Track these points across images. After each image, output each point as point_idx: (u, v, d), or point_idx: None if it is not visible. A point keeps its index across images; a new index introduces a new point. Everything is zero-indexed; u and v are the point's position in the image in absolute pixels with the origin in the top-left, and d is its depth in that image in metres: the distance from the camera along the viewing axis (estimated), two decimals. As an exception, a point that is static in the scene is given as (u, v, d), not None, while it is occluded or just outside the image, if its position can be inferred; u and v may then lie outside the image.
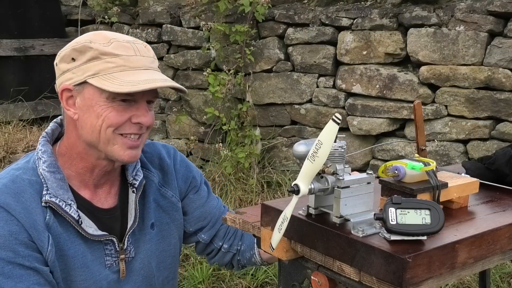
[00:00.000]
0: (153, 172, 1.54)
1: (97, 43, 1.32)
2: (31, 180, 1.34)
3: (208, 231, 1.67)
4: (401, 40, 3.93)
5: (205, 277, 3.35)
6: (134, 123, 1.34)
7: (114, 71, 1.30)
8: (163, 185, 1.56)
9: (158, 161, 1.58)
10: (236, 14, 4.53)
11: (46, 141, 1.42)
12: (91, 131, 1.34)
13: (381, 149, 4.11)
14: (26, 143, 4.69)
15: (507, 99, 3.61)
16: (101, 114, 1.31)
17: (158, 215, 1.54)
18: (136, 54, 1.34)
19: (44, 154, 1.38)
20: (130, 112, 1.33)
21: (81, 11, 5.57)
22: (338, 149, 1.08)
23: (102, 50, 1.31)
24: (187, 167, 1.65)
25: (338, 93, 4.23)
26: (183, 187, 1.62)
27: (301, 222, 1.12)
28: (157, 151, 1.60)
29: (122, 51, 1.32)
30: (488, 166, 1.41)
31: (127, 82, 1.28)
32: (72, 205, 1.35)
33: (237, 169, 4.35)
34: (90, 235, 1.37)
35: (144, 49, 1.37)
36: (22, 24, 5.39)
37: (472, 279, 3.18)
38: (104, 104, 1.31)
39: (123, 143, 1.34)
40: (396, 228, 0.99)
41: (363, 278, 1.01)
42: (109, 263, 1.42)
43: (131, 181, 1.47)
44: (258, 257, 1.64)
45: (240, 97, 4.61)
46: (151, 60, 1.37)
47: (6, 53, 5.29)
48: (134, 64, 1.32)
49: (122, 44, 1.33)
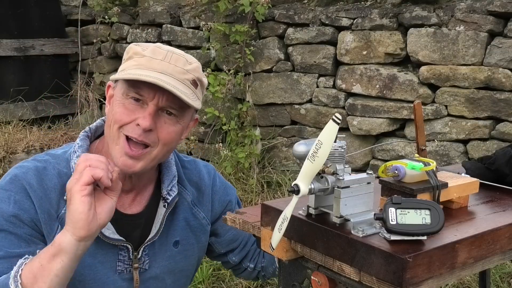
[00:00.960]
0: (188, 190, 1.53)
1: (140, 46, 1.37)
2: (61, 171, 1.37)
3: (239, 253, 1.67)
4: (401, 40, 3.93)
5: (205, 277, 3.35)
6: (135, 125, 1.32)
7: (131, 68, 1.32)
8: (196, 204, 1.54)
9: (197, 180, 1.57)
10: (236, 14, 4.53)
11: (85, 136, 1.44)
12: (107, 126, 1.37)
13: (381, 149, 4.10)
14: (26, 143, 4.69)
15: (507, 99, 3.61)
16: (114, 109, 1.34)
17: (185, 234, 1.52)
18: (163, 60, 1.33)
19: (80, 149, 1.40)
20: (138, 113, 1.32)
21: (81, 11, 5.57)
22: (338, 149, 1.08)
23: (137, 51, 1.35)
24: (225, 189, 1.64)
25: (338, 93, 4.23)
26: (218, 210, 1.60)
27: (301, 222, 1.12)
28: (198, 170, 1.58)
29: (152, 54, 1.33)
30: (488, 166, 1.41)
31: (129, 73, 1.30)
32: None
33: (237, 169, 4.35)
34: (106, 237, 1.37)
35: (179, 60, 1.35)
36: (22, 24, 5.40)
37: (472, 279, 3.18)
38: (119, 100, 1.33)
39: (123, 147, 1.32)
40: (396, 228, 0.99)
41: (363, 278, 1.01)
42: (120, 269, 1.41)
43: (164, 195, 1.46)
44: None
45: (240, 97, 4.61)
46: (180, 71, 1.34)
47: (6, 53, 5.29)
48: (152, 66, 1.32)
49: (158, 50, 1.35)
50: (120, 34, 5.33)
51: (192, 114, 1.43)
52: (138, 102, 1.32)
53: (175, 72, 1.33)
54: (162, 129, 1.34)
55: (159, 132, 1.34)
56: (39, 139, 4.79)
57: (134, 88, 1.31)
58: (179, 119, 1.36)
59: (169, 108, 1.34)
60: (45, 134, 4.97)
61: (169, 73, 1.32)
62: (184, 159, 1.59)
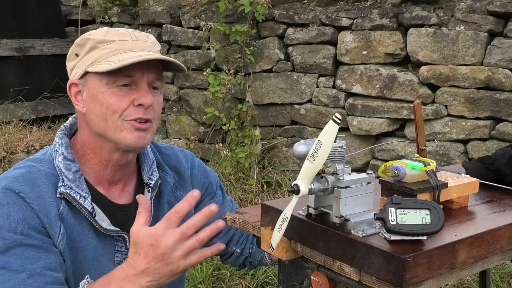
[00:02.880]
0: (169, 174, 1.55)
1: (95, 34, 1.37)
2: (48, 172, 1.36)
3: (223, 237, 1.66)
4: (401, 40, 3.93)
5: (205, 277, 3.35)
6: (136, 106, 1.34)
7: (108, 55, 1.33)
8: (178, 187, 1.56)
9: (175, 164, 1.59)
10: (236, 14, 4.53)
11: (63, 134, 1.44)
12: (98, 121, 1.36)
13: (381, 149, 4.10)
14: (26, 143, 4.69)
15: (507, 99, 3.61)
16: (103, 102, 1.34)
17: None
18: (132, 39, 1.36)
19: (61, 147, 1.40)
20: (132, 96, 1.34)
21: (81, 11, 5.57)
22: (338, 149, 1.08)
23: (99, 39, 1.35)
24: (204, 172, 1.66)
25: (338, 93, 4.23)
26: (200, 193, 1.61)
27: (301, 222, 1.12)
28: (175, 155, 1.61)
29: (118, 38, 1.35)
30: (488, 166, 1.41)
31: (116, 61, 1.30)
32: (87, 197, 1.36)
33: (237, 169, 4.35)
34: (103, 229, 1.38)
35: (143, 35, 1.39)
36: (22, 24, 5.39)
37: (472, 279, 3.18)
38: (105, 91, 1.33)
39: (131, 126, 1.35)
40: (396, 228, 0.99)
41: (363, 278, 1.01)
42: (118, 260, 1.42)
43: (146, 181, 1.49)
44: (268, 258, 1.65)
45: (240, 97, 4.61)
46: (150, 45, 1.39)
47: (6, 53, 5.29)
48: (129, 47, 1.34)
49: (119, 32, 1.37)
50: (120, 34, 5.33)
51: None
52: (126, 86, 1.34)
53: (148, 47, 1.37)
54: (154, 103, 1.38)
55: (153, 106, 1.38)
56: (39, 139, 4.79)
57: (122, 74, 1.32)
58: (161, 90, 1.42)
59: (155, 82, 1.39)
60: (45, 134, 4.97)
61: (146, 49, 1.36)
62: (160, 146, 1.62)
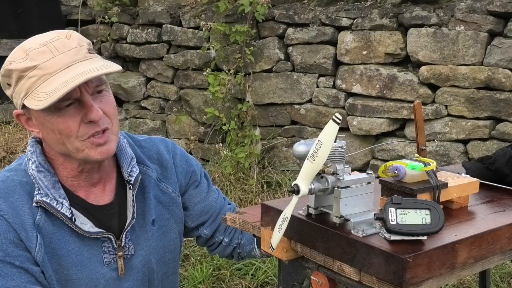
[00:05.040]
0: (151, 168, 1.52)
1: (15, 62, 1.28)
2: (22, 181, 1.35)
3: (209, 226, 1.66)
4: (401, 40, 3.94)
5: (205, 277, 3.35)
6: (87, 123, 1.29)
7: (37, 84, 1.25)
8: (162, 180, 1.54)
9: (157, 156, 1.56)
10: (236, 14, 4.53)
11: (35, 142, 1.41)
12: (57, 145, 1.33)
13: (381, 149, 4.10)
14: (26, 143, 4.69)
15: (507, 99, 3.61)
16: (54, 129, 1.30)
17: (159, 211, 1.53)
18: (53, 56, 1.26)
19: (33, 155, 1.38)
20: (79, 114, 1.28)
21: (81, 11, 5.57)
22: (338, 149, 1.08)
23: (21, 67, 1.26)
24: (187, 161, 1.63)
25: (338, 93, 4.23)
26: (184, 182, 1.60)
27: (301, 222, 1.12)
28: (155, 146, 1.58)
29: (39, 59, 1.25)
30: (488, 166, 1.41)
31: (47, 94, 1.23)
32: (64, 203, 1.35)
33: (237, 169, 4.35)
34: (86, 232, 1.36)
35: (65, 43, 1.28)
36: (22, 24, 5.39)
37: (472, 279, 3.18)
38: (50, 118, 1.28)
39: (90, 144, 1.31)
40: (396, 228, 0.99)
41: (363, 278, 1.01)
42: (107, 261, 1.42)
43: (127, 178, 1.46)
44: (257, 251, 1.64)
45: (240, 97, 4.61)
46: (75, 52, 1.28)
47: (6, 53, 5.25)
48: (53, 68, 1.24)
49: (38, 51, 1.26)
50: (120, 34, 5.33)
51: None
52: (69, 107, 1.28)
53: (74, 57, 1.27)
54: (105, 107, 1.32)
55: (105, 111, 1.32)
56: (39, 139, 4.79)
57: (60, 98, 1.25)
58: (106, 87, 1.36)
59: (97, 87, 1.32)
60: (45, 134, 4.97)
61: (72, 62, 1.26)
62: (139, 139, 1.58)
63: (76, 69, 1.25)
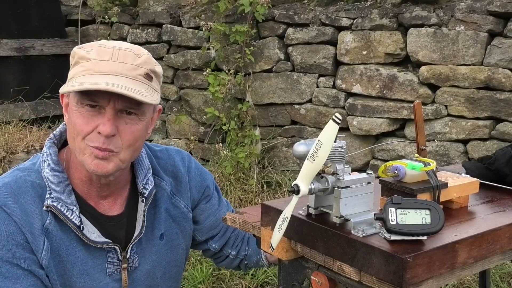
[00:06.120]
0: (165, 181, 1.50)
1: (83, 48, 1.30)
2: (34, 182, 1.33)
3: (219, 240, 1.65)
4: (401, 40, 3.93)
5: (205, 277, 3.35)
6: (97, 133, 1.27)
7: (81, 74, 1.26)
8: (175, 194, 1.52)
9: (172, 168, 1.53)
10: (236, 14, 4.53)
11: (52, 143, 1.39)
12: (70, 138, 1.32)
13: (381, 149, 4.10)
14: (26, 143, 4.69)
15: (507, 99, 3.61)
16: (72, 120, 1.30)
17: (168, 225, 1.50)
18: (110, 60, 1.26)
19: (49, 157, 1.36)
20: (97, 121, 1.27)
21: (81, 11, 5.57)
22: (338, 149, 1.08)
23: (81, 55, 1.28)
24: (201, 175, 1.60)
25: (338, 93, 4.23)
26: (196, 196, 1.58)
27: (301, 222, 1.12)
28: (171, 159, 1.55)
29: (97, 56, 1.27)
30: (488, 166, 1.41)
31: (75, 83, 1.24)
32: (75, 210, 1.33)
33: (237, 169, 4.34)
34: (92, 242, 1.35)
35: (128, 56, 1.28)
36: (22, 24, 5.39)
37: (472, 279, 3.18)
38: (75, 109, 1.28)
39: (91, 152, 1.28)
40: (396, 228, 0.99)
41: (363, 278, 1.01)
42: (110, 271, 1.40)
43: (141, 190, 1.43)
44: (265, 260, 1.63)
45: (240, 97, 4.61)
46: (129, 68, 1.27)
47: (6, 53, 5.29)
48: (101, 69, 1.25)
49: (103, 50, 1.28)
50: (120, 34, 5.33)
51: (153, 106, 1.38)
52: (95, 108, 1.27)
53: (125, 71, 1.26)
54: (124, 131, 1.29)
55: (122, 135, 1.29)
56: (39, 139, 4.79)
57: (88, 96, 1.26)
58: (140, 116, 1.31)
59: (128, 108, 1.28)
60: (45, 134, 4.96)
61: (119, 73, 1.25)
62: (156, 149, 1.55)
63: (115, 80, 1.23)
